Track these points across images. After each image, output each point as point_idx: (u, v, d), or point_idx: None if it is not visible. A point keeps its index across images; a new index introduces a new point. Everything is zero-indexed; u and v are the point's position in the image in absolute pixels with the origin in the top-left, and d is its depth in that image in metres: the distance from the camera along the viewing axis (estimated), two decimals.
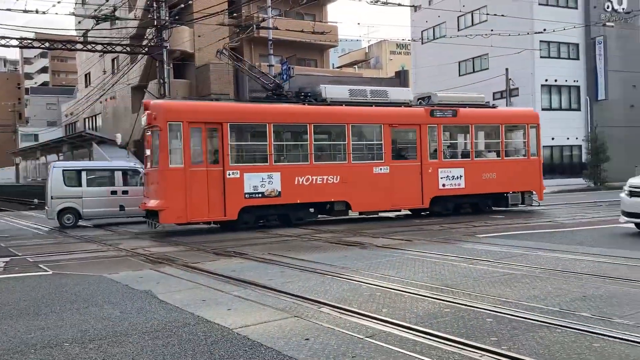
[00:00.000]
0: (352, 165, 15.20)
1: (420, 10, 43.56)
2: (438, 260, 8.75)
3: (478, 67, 39.52)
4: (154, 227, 14.11)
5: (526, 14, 34.47)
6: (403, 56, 56.90)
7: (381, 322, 5.29)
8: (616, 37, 37.28)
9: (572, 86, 37.17)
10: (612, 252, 8.97)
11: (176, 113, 13.52)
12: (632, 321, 5.08)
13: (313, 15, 36.53)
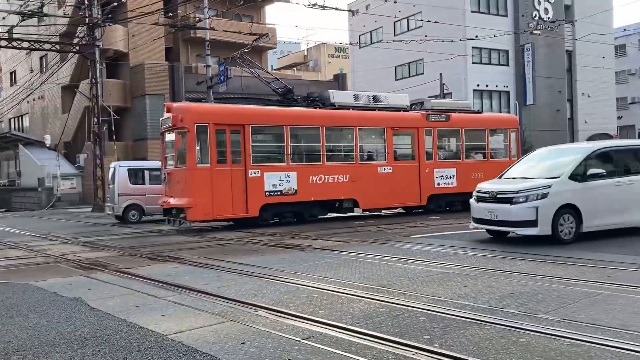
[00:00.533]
0: (359, 165, 16.33)
1: (358, 15, 44.14)
2: (374, 261, 8.88)
3: (414, 72, 40.45)
4: (179, 225, 14.64)
5: (459, 21, 35.59)
6: (341, 59, 57.49)
7: (318, 323, 5.32)
8: (543, 44, 39.07)
9: (502, 91, 38.63)
10: (539, 251, 9.38)
11: (203, 115, 14.28)
12: (556, 316, 5.33)
13: (251, 16, 36.34)
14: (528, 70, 38.28)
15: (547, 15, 39.38)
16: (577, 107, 42.70)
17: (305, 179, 15.25)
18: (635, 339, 4.61)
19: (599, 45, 41.37)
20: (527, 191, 9.81)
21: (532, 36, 37.01)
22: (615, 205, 10.31)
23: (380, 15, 37.10)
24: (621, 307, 5.59)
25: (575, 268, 7.78)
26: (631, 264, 7.91)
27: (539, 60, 38.71)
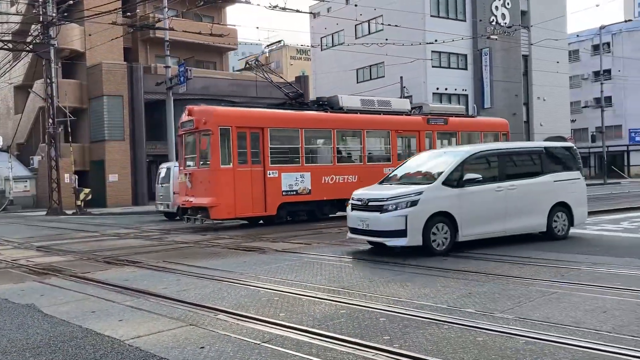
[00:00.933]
0: (366, 165, 17.16)
1: (320, 17, 44.30)
2: (336, 262, 8.91)
3: (375, 75, 40.83)
4: (202, 223, 15.13)
5: (419, 25, 36.09)
6: (303, 61, 57.56)
7: (278, 326, 5.30)
8: (500, 49, 39.99)
9: (461, 94, 39.37)
10: (494, 251, 9.57)
11: (226, 119, 14.94)
12: (512, 315, 5.45)
13: (212, 17, 36.02)
14: (486, 74, 39.13)
15: (504, 21, 40.33)
16: (532, 110, 43.87)
17: (319, 179, 16.12)
18: (587, 335, 4.75)
19: (554, 50, 42.64)
20: (397, 198, 9.01)
21: (490, 41, 37.86)
22: (495, 212, 9.67)
23: (342, 18, 37.31)
24: (574, 305, 5.76)
25: (531, 267, 7.98)
26: (582, 263, 8.16)
27: (496, 65, 39.60)
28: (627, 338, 4.65)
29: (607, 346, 4.45)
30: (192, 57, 33.89)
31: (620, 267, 7.81)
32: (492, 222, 9.64)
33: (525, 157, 10.84)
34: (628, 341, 4.57)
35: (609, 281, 6.87)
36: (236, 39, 36.78)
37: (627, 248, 9.53)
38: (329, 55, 44.36)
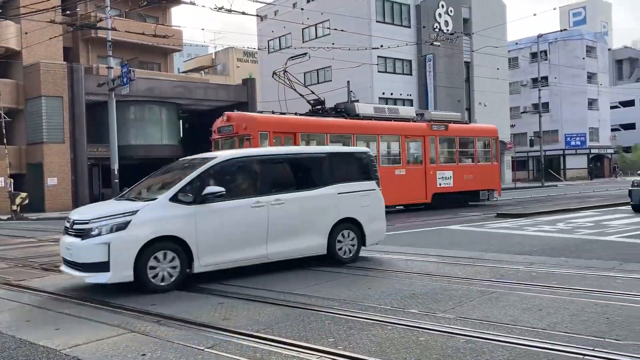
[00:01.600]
0: (381, 167, 17.74)
1: (267, 20, 44.20)
2: (284, 265, 8.87)
3: (322, 79, 41.03)
4: None
5: (365, 30, 36.56)
6: (250, 64, 57.21)
7: (223, 331, 5.24)
8: (444, 55, 40.98)
9: (406, 99, 40.09)
10: (439, 252, 9.79)
11: (265, 124, 16.37)
12: (453, 315, 5.58)
13: (156, 17, 35.35)
14: (430, 79, 40.01)
15: (447, 28, 41.35)
16: (474, 115, 45.10)
17: None
18: (524, 333, 4.92)
19: (494, 57, 44.03)
20: (102, 220, 7.03)
21: (434, 47, 38.73)
22: (252, 233, 7.80)
23: (289, 22, 37.36)
24: (512, 304, 5.95)
25: (472, 268, 8.19)
26: (520, 263, 8.45)
27: (439, 71, 40.55)
28: (560, 335, 4.84)
29: (542, 343, 4.62)
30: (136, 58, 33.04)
31: (555, 266, 8.13)
32: (246, 246, 7.75)
33: (301, 165, 8.98)
34: (561, 337, 4.76)
35: (545, 280, 7.14)
36: (181, 40, 36.23)
37: (562, 248, 9.92)
38: (276, 58, 44.24)
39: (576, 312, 5.56)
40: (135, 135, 31.42)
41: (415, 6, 40.43)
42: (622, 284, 6.80)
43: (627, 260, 8.49)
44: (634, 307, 5.68)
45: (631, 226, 12.91)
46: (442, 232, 13.04)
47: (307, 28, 40.42)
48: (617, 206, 18.36)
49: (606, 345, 4.52)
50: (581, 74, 56.37)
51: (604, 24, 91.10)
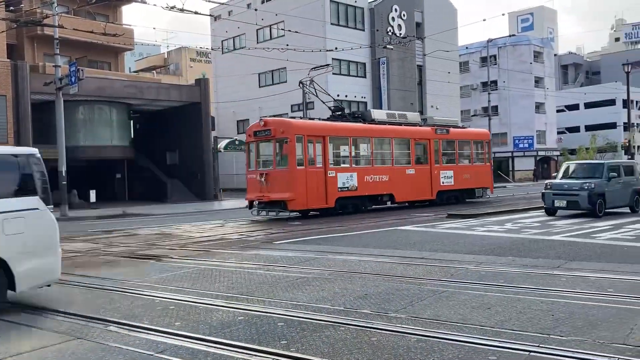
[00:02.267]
0: (394, 167, 20.50)
1: (221, 20, 43.79)
2: (235, 269, 8.80)
3: (277, 80, 40.94)
4: (276, 215, 18.22)
5: (319, 32, 36.67)
6: (204, 64, 56.54)
7: (173, 336, 5.15)
8: (397, 59, 41.53)
9: (360, 102, 40.40)
10: (391, 253, 9.90)
11: (300, 129, 17.95)
12: (405, 314, 5.65)
13: (106, 15, 34.48)
14: (383, 82, 40.46)
15: (400, 32, 41.92)
16: None
17: (362, 178, 19.28)
18: (473, 331, 5.03)
19: (446, 61, 44.90)
20: None
21: (387, 50, 39.23)
22: None
23: (243, 22, 37.11)
24: (462, 303, 6.07)
25: (424, 268, 8.32)
26: (470, 262, 8.64)
27: (393, 74, 41.07)
28: (508, 332, 4.97)
29: (490, 340, 4.73)
30: (85, 56, 32.26)
31: (504, 265, 8.35)
32: None
33: None
34: (509, 335, 4.89)
35: (493, 279, 7.32)
36: (132, 39, 35.45)
37: (509, 248, 10.19)
38: (231, 59, 43.93)
39: (523, 309, 5.72)
40: (84, 136, 30.54)
41: (369, 10, 40.83)
42: (566, 282, 7.03)
43: (571, 258, 8.80)
44: (577, 304, 5.89)
45: (574, 226, 13.39)
46: (395, 233, 13.19)
47: (261, 29, 40.25)
48: None
49: (551, 341, 4.67)
50: (529, 78, 58.13)
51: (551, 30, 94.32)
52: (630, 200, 16.68)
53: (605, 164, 16.43)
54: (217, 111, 44.51)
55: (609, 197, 15.74)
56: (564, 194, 15.69)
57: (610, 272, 7.57)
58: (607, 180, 15.66)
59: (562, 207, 15.88)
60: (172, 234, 14.97)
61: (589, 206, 15.33)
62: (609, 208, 15.90)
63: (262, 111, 41.94)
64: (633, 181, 16.90)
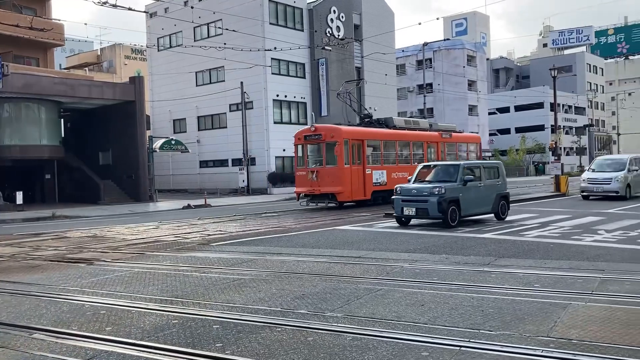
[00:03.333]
0: (412, 166, 22.04)
1: (156, 17, 42.78)
2: (170, 271, 8.62)
3: (215, 79, 40.39)
4: (326, 205, 21.58)
5: (258, 32, 36.45)
6: (139, 62, 55.07)
7: (104, 341, 4.98)
8: (336, 60, 41.83)
9: (300, 102, 40.46)
10: (330, 252, 9.97)
11: (346, 134, 21.39)
12: (341, 313, 5.69)
13: (34, 9, 33.01)
14: (322, 83, 40.67)
15: (338, 33, 42.26)
16: None
17: (390, 174, 22.82)
18: (407, 328, 5.13)
19: (383, 63, 45.65)
20: None
21: (326, 52, 39.46)
22: None
23: (180, 20, 36.41)
24: (396, 301, 6.18)
25: (361, 267, 8.42)
26: (405, 260, 8.81)
27: (332, 75, 41.34)
28: (440, 328, 5.10)
29: (423, 337, 4.84)
30: (10, 51, 30.79)
31: (437, 263, 8.57)
32: None
33: None
34: (441, 331, 5.01)
35: (427, 276, 7.50)
36: (63, 35, 34.11)
37: (443, 246, 10.47)
38: (167, 57, 42.98)
39: (455, 306, 5.88)
40: (10, 135, 29.09)
41: (308, 10, 40.93)
42: (495, 278, 7.29)
43: (500, 256, 9.13)
44: (505, 300, 6.11)
45: (504, 224, 13.90)
46: (334, 233, 13.28)
47: (198, 27, 39.59)
48: None
49: (480, 336, 4.82)
50: (462, 81, 59.99)
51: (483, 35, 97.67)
52: (495, 206, 14.68)
53: (460, 165, 14.32)
54: (153, 110, 43.47)
55: (465, 203, 13.73)
56: (413, 200, 13.78)
57: (537, 268, 7.91)
58: (463, 183, 13.53)
59: (412, 215, 13.98)
60: (104, 236, 14.50)
61: (438, 214, 13.28)
62: (467, 215, 14.18)
63: (199, 110, 41.30)
64: (498, 184, 14.91)
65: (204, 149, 41.25)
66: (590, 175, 21.94)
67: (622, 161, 21.83)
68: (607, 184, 20.83)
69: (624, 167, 21.19)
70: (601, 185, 20.99)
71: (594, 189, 21.27)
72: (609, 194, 20.72)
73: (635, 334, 4.78)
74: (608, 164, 22.14)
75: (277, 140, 38.21)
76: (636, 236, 10.96)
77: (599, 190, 21.07)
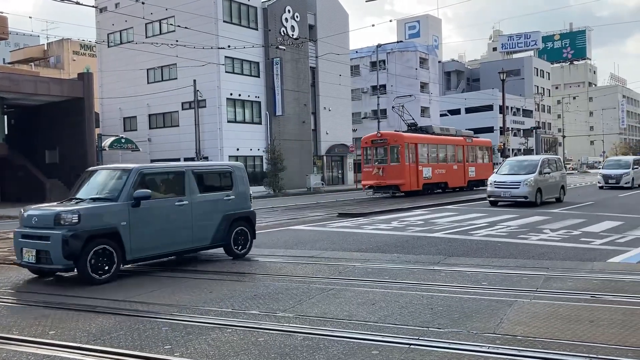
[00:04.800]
0: (448, 164, 29.35)
1: (107, 12, 41.70)
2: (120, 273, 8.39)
3: (167, 77, 39.70)
4: (390, 194, 26.92)
5: (211, 30, 36.04)
6: (88, 58, 53.58)
7: (47, 346, 4.83)
8: (290, 59, 41.79)
9: (254, 101, 40.22)
10: (282, 252, 9.94)
11: (407, 139, 26.75)
12: (292, 313, 5.68)
13: None
14: (277, 82, 40.55)
15: (293, 33, 42.23)
16: (320, 119, 46.65)
17: (434, 171, 28.14)
18: (357, 327, 5.16)
19: (337, 64, 45.89)
20: None
21: (280, 51, 39.38)
22: None
23: (131, 16, 35.61)
24: (348, 300, 6.22)
25: (313, 266, 8.43)
26: (357, 260, 8.87)
27: (286, 74, 41.28)
28: (391, 326, 5.16)
29: (374, 335, 4.88)
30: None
31: (389, 262, 8.67)
32: None
33: None
34: (391, 329, 5.07)
35: (378, 275, 7.57)
36: (6, 28, 32.86)
37: (394, 245, 10.60)
38: (117, 53, 41.95)
39: (405, 304, 5.97)
40: None
41: (262, 9, 40.73)
42: (444, 277, 7.43)
43: (450, 254, 9.32)
44: (454, 297, 6.23)
45: (455, 224, 14.19)
46: (287, 233, 13.26)
47: (150, 23, 38.82)
48: (445, 205, 20.08)
49: (429, 334, 4.90)
50: (415, 83, 60.88)
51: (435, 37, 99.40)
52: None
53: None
54: (102, 107, 42.39)
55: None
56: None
57: (485, 267, 8.11)
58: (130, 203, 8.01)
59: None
60: None
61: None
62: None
63: (151, 108, 40.50)
64: (224, 199, 9.56)
65: (156, 147, 40.49)
66: (498, 178, 19.65)
67: (534, 162, 19.73)
68: (516, 187, 18.62)
69: (535, 169, 19.04)
70: (509, 190, 18.76)
71: (501, 193, 19.00)
72: (517, 200, 18.64)
73: (576, 329, 4.96)
74: (519, 165, 20.12)
75: (231, 139, 37.89)
76: (579, 235, 11.38)
77: (506, 195, 18.81)
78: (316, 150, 46.27)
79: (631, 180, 26.85)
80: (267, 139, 40.32)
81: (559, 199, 20.27)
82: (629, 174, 26.93)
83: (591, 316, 5.35)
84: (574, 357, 4.27)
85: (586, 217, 14.81)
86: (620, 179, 27.02)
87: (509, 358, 4.31)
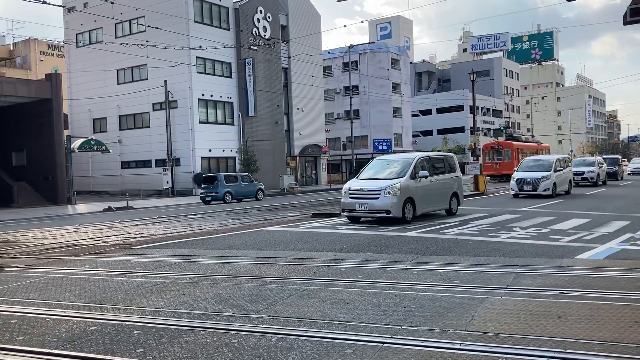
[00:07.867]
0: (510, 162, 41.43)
1: (75, 12, 41.01)
2: (89, 277, 8.28)
3: (137, 77, 39.23)
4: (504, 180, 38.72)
5: (182, 30, 35.74)
6: (56, 58, 52.61)
7: (14, 352, 4.72)
8: (263, 60, 41.67)
9: (226, 102, 40.02)
10: (256, 254, 9.90)
11: (514, 145, 41.69)
12: (266, 315, 5.67)
13: None
14: (249, 83, 40.40)
15: (265, 33, 42.13)
16: (292, 120, 46.63)
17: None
18: (331, 326, 5.18)
19: (310, 65, 45.94)
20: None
21: (253, 51, 39.24)
22: None
23: (100, 16, 35.09)
24: (322, 300, 6.23)
25: (287, 267, 8.42)
26: (331, 260, 8.90)
27: (259, 75, 41.16)
28: (364, 325, 5.18)
29: (347, 335, 4.90)
30: None
31: (362, 261, 8.71)
32: None
33: None
34: (365, 328, 5.10)
35: (352, 275, 7.61)
36: None
37: (368, 244, 10.66)
38: (86, 53, 41.29)
39: (378, 303, 6.00)
40: None
41: (234, 9, 40.55)
42: (417, 275, 7.50)
43: (422, 253, 9.41)
44: (426, 296, 6.30)
45: (427, 222, 14.33)
46: (261, 234, 13.21)
47: (120, 23, 38.31)
48: None
49: (402, 332, 4.94)
50: (387, 84, 61.31)
51: (407, 39, 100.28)
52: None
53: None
54: (71, 109, 41.66)
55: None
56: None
57: (456, 265, 8.21)
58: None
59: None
60: (17, 241, 13.74)
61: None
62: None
63: (121, 110, 39.96)
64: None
65: (126, 149, 39.97)
66: (354, 184, 14.55)
67: (408, 162, 14.75)
68: (374, 197, 13.76)
69: (405, 172, 14.26)
70: (365, 202, 13.87)
71: (356, 206, 14.03)
72: (376, 215, 13.91)
73: (545, 324, 5.06)
74: (389, 165, 15.23)
75: (203, 140, 37.62)
76: (547, 232, 11.61)
77: (362, 208, 13.90)
78: (289, 150, 46.24)
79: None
80: (240, 140, 40.12)
81: (450, 211, 15.90)
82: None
83: (560, 312, 5.46)
84: (543, 352, 4.35)
85: (555, 214, 15.10)
86: (537, 185, 22.06)
87: (481, 354, 4.37)
